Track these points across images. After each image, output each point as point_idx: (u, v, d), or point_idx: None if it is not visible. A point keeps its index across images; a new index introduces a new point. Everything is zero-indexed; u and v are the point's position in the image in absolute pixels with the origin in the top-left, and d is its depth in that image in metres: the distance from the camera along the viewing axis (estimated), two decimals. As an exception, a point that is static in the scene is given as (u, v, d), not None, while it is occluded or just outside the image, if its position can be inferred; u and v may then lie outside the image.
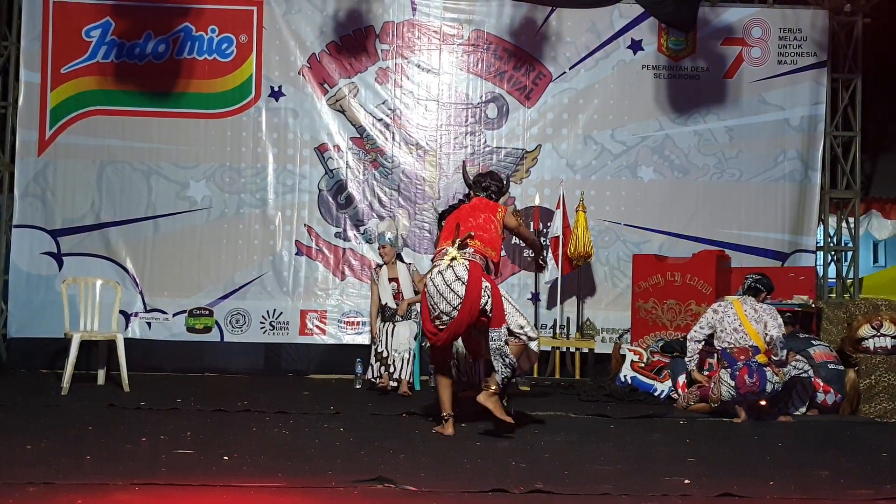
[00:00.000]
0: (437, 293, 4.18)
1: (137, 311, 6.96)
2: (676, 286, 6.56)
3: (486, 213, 4.34)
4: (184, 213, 7.06)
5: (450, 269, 4.17)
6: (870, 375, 5.43)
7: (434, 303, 4.21)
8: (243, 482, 3.12)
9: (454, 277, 4.15)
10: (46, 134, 7.00)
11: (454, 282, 4.14)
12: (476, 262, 4.18)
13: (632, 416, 5.11)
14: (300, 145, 7.18)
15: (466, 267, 4.14)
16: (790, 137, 7.28)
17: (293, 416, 4.81)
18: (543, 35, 7.24)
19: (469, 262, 4.16)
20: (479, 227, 4.28)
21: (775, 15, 7.31)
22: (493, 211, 4.36)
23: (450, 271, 4.16)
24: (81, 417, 4.60)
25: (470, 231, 4.23)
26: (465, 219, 4.34)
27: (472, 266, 4.15)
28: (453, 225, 4.35)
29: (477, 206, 4.42)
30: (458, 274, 4.15)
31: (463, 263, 4.16)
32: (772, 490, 3.25)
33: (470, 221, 4.31)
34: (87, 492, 2.94)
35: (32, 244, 6.96)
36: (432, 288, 4.22)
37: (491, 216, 4.33)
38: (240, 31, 7.12)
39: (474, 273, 4.12)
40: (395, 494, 3.04)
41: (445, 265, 4.19)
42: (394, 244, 6.21)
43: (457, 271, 4.15)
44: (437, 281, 4.20)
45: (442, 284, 4.17)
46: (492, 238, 4.27)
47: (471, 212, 4.38)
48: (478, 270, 4.14)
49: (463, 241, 4.21)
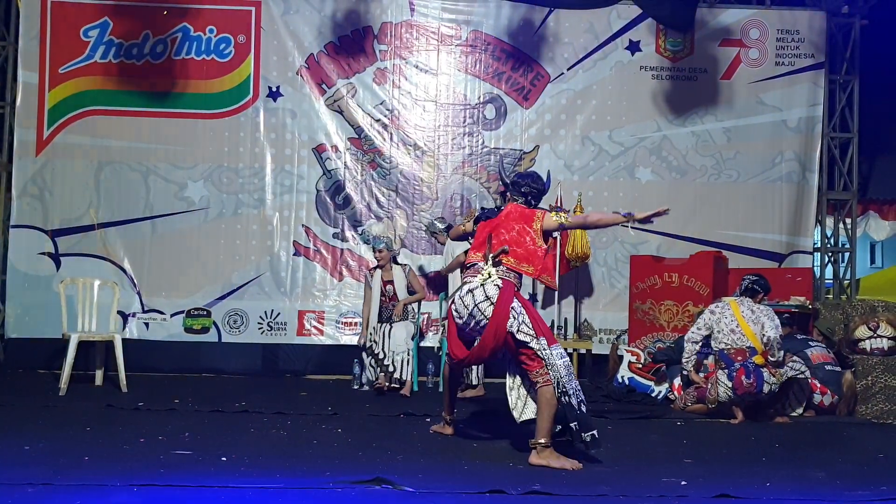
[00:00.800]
0: (466, 311, 3.87)
1: (135, 312, 6.96)
2: (674, 287, 6.57)
3: (521, 223, 3.95)
4: (181, 213, 7.05)
5: (480, 287, 3.85)
6: (866, 376, 5.44)
7: (460, 323, 3.94)
8: (242, 483, 3.12)
9: (483, 297, 3.83)
10: (44, 134, 6.99)
11: (483, 301, 3.82)
12: (509, 282, 3.85)
13: (629, 416, 5.12)
14: (298, 146, 7.18)
15: (498, 286, 3.82)
16: (787, 139, 7.29)
17: (291, 417, 4.81)
18: (541, 36, 7.25)
19: (502, 281, 3.84)
20: (512, 240, 3.90)
21: (773, 16, 7.32)
22: (529, 221, 3.95)
23: (480, 290, 3.85)
24: (79, 418, 4.60)
25: (504, 245, 3.89)
26: (497, 230, 3.97)
27: (505, 285, 3.82)
28: (485, 235, 4.01)
29: (511, 214, 4.01)
30: (488, 293, 3.82)
31: (495, 283, 3.83)
32: (769, 491, 3.26)
33: (502, 234, 3.93)
34: (85, 493, 2.94)
35: (30, 244, 6.94)
36: (460, 306, 3.91)
37: (526, 227, 3.93)
38: (238, 32, 7.11)
39: (505, 294, 3.79)
40: (394, 495, 3.04)
41: (477, 283, 3.88)
42: (389, 248, 6.22)
43: (487, 290, 3.83)
44: (466, 300, 3.88)
45: (471, 303, 3.86)
46: (528, 252, 3.89)
47: (504, 222, 3.99)
48: (510, 291, 3.81)
49: (497, 256, 3.89)
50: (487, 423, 4.65)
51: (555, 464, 3.58)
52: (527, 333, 3.74)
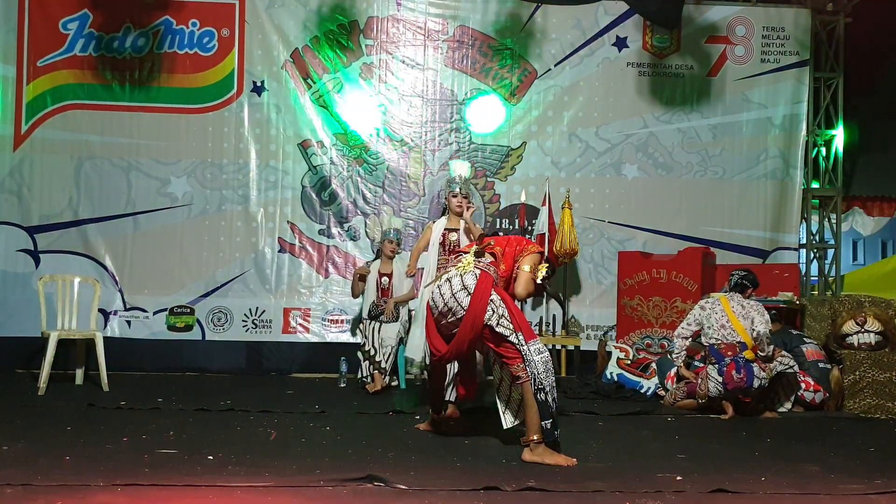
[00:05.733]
0: (443, 302, 3.77)
1: (117, 310, 6.83)
2: (662, 283, 6.56)
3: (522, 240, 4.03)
4: (164, 209, 6.93)
5: (458, 276, 3.78)
6: (854, 371, 5.46)
7: (436, 315, 3.84)
8: (229, 482, 3.05)
9: (461, 286, 3.74)
10: (22, 128, 6.85)
11: (460, 291, 3.73)
12: (487, 273, 3.77)
13: (620, 413, 5.09)
14: (283, 141, 7.08)
15: (476, 276, 3.74)
16: (772, 135, 7.32)
17: (278, 415, 4.74)
18: (528, 32, 7.21)
19: (480, 272, 3.76)
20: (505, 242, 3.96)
21: (759, 13, 7.34)
22: (529, 243, 4.01)
23: (458, 279, 3.77)
24: (60, 418, 4.50)
25: (490, 241, 3.92)
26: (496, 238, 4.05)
27: (482, 276, 3.74)
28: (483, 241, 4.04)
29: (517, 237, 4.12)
30: (465, 283, 3.74)
31: (473, 272, 3.75)
32: (764, 485, 3.24)
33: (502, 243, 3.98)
34: (66, 493, 2.86)
35: (8, 241, 6.80)
36: (437, 297, 3.81)
37: (523, 240, 4.01)
38: (221, 25, 7.00)
39: (482, 284, 3.69)
40: (386, 493, 2.99)
41: (455, 273, 3.81)
42: (400, 241, 6.26)
43: (465, 280, 3.75)
44: (443, 289, 3.79)
45: (448, 293, 3.76)
46: (508, 254, 3.92)
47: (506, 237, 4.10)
48: (487, 281, 3.71)
49: (481, 248, 3.88)
50: (477, 421, 4.59)
51: (548, 460, 3.54)
52: (505, 327, 3.66)
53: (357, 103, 7.12)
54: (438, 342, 3.88)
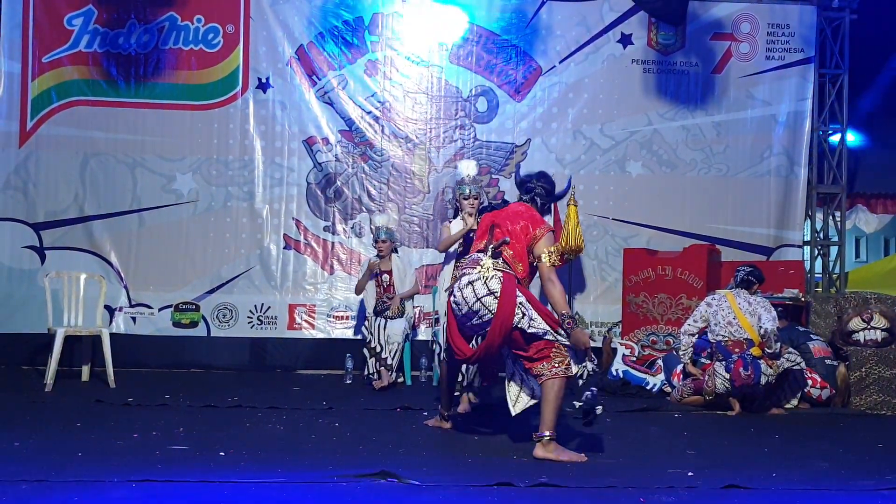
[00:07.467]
0: (467, 305, 3.70)
1: (122, 306, 6.83)
2: (667, 280, 6.56)
3: (526, 222, 3.84)
4: (170, 206, 6.92)
5: (481, 281, 3.69)
6: (860, 368, 5.47)
7: (460, 316, 3.77)
8: (243, 478, 3.05)
9: (486, 291, 3.67)
10: (28, 125, 6.84)
11: (486, 296, 3.67)
12: (510, 275, 3.70)
13: (627, 409, 5.10)
14: (288, 138, 7.07)
15: (500, 279, 3.67)
16: (777, 133, 7.31)
17: (286, 412, 4.74)
18: (534, 28, 7.21)
19: (503, 275, 3.69)
20: (514, 234, 3.80)
21: (764, 10, 7.33)
22: (536, 224, 3.84)
23: (481, 283, 3.69)
24: (68, 414, 4.50)
25: (505, 237, 3.78)
26: (502, 221, 3.86)
27: (506, 279, 3.68)
28: (487, 225, 3.90)
29: (519, 211, 3.91)
30: (490, 288, 3.67)
31: (497, 276, 3.68)
32: (776, 482, 3.25)
33: (507, 225, 3.83)
34: (83, 489, 2.86)
35: (14, 238, 6.79)
36: (460, 299, 3.73)
37: (529, 226, 3.82)
38: (226, 21, 6.99)
39: (508, 287, 3.65)
40: (400, 489, 2.99)
41: (476, 276, 3.71)
42: (392, 238, 6.19)
43: (490, 285, 3.67)
44: (466, 292, 3.71)
45: (471, 296, 3.69)
46: (520, 252, 3.79)
47: (510, 216, 3.88)
48: (512, 284, 3.67)
49: (497, 247, 3.77)
50: (486, 417, 4.61)
51: (561, 457, 3.54)
52: (538, 327, 3.65)
53: (361, 100, 7.11)
54: (461, 343, 3.86)
